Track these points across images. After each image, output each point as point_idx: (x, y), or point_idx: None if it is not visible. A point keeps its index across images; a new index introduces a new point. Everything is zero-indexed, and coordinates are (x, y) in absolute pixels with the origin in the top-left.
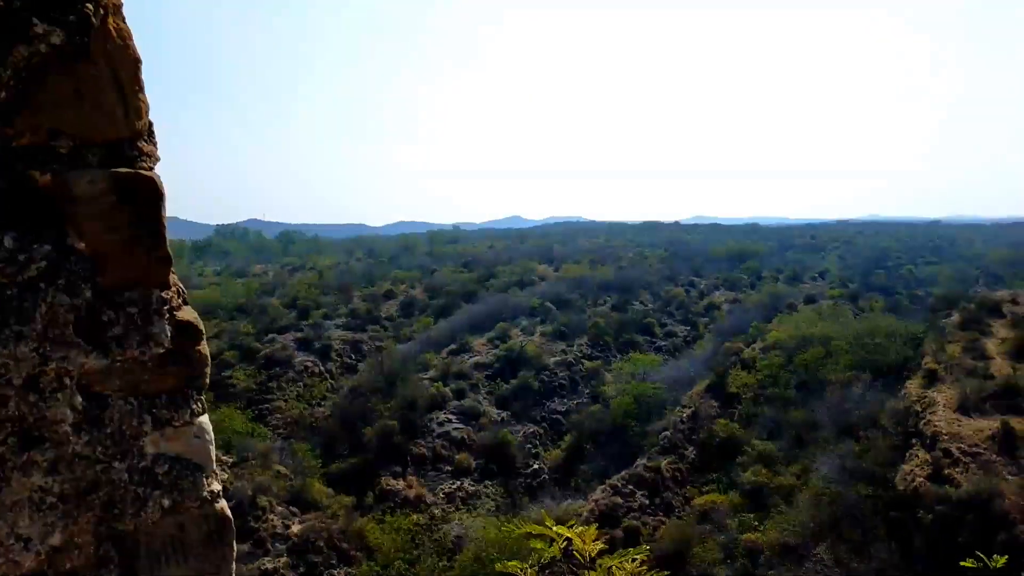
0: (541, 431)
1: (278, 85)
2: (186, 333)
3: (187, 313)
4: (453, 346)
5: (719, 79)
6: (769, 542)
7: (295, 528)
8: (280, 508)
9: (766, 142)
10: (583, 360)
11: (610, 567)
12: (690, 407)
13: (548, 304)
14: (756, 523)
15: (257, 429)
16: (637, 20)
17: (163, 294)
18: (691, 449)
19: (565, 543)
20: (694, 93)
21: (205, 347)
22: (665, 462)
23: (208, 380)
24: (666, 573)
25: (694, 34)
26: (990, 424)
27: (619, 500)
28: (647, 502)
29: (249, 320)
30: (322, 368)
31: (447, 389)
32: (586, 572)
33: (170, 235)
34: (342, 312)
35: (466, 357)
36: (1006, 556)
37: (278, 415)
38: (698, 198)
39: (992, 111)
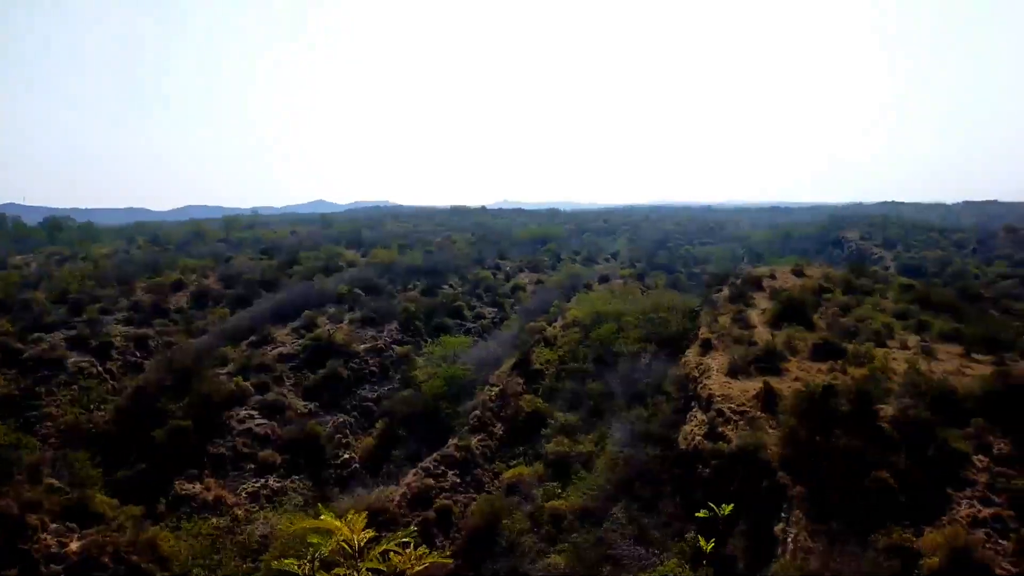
0: (352, 420)
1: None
2: None
3: None
4: (254, 338)
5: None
6: (571, 507)
7: (74, 545)
8: (55, 525)
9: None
10: (394, 346)
11: (384, 552)
12: (498, 385)
13: (356, 290)
14: (559, 490)
15: (23, 440)
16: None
17: None
18: (499, 425)
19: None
20: (500, 79)
21: None
22: (475, 440)
23: None
24: (449, 557)
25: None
26: (754, 385)
27: (431, 482)
28: (459, 480)
29: (8, 318)
30: (100, 368)
31: (248, 383)
32: (358, 562)
33: None
34: (123, 306)
35: (268, 349)
36: (732, 504)
37: (49, 423)
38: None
39: (763, 109)
